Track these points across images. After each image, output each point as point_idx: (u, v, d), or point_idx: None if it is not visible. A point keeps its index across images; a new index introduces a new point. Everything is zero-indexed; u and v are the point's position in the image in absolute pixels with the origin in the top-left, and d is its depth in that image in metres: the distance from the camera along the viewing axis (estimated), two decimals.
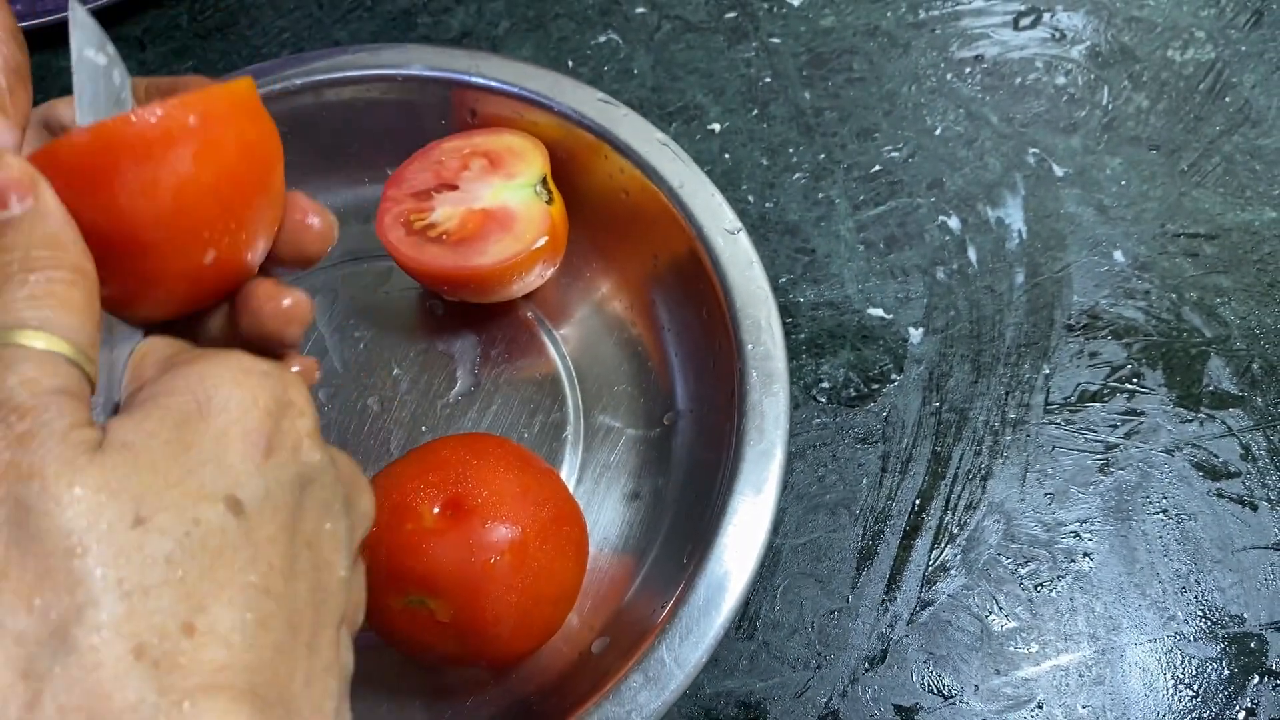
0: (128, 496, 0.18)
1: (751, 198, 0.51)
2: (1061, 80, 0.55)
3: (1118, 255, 0.50)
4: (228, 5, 0.57)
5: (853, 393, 0.46)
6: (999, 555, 0.43)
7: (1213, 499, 0.44)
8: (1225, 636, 0.41)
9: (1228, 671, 0.41)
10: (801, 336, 0.47)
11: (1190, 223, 0.51)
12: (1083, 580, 0.42)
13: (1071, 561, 0.43)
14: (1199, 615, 0.42)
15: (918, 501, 0.44)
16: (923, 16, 0.57)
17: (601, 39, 0.56)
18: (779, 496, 0.37)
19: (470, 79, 0.46)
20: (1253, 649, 0.41)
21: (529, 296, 0.47)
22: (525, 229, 0.42)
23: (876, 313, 0.48)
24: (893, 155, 0.53)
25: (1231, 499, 0.44)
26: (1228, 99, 0.54)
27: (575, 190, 0.46)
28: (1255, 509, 0.44)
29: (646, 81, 0.55)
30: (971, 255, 0.50)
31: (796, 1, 0.57)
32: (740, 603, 0.35)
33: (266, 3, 0.57)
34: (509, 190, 0.43)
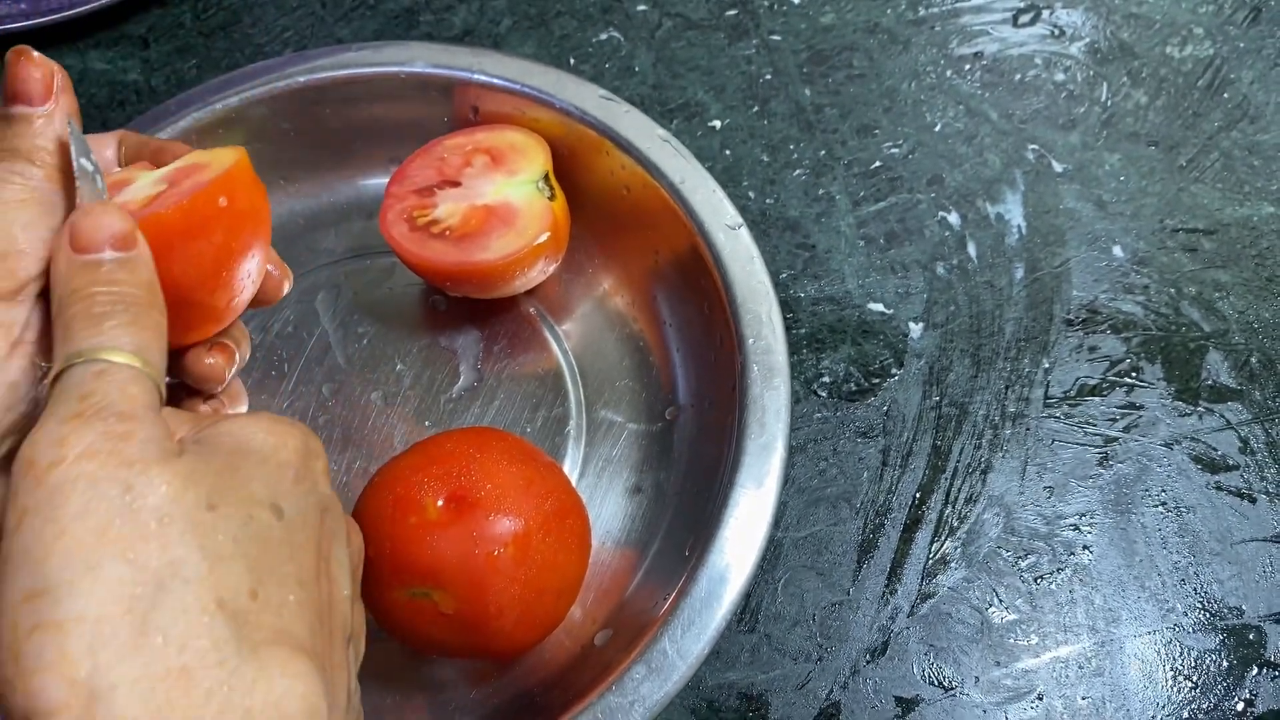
0: (203, 488, 0.23)
1: (752, 194, 0.51)
2: (1061, 77, 0.55)
3: (1117, 250, 0.50)
4: (231, 4, 0.57)
5: (853, 387, 0.46)
6: (999, 548, 0.43)
7: (1211, 492, 0.44)
8: (1224, 628, 0.42)
9: (1226, 663, 0.41)
10: (802, 331, 0.48)
11: (1189, 218, 0.51)
12: (1082, 573, 0.43)
13: (1071, 554, 0.43)
14: (1198, 607, 0.42)
15: (918, 495, 0.44)
16: (922, 13, 0.57)
17: (603, 36, 0.56)
18: (780, 490, 0.38)
19: (472, 76, 0.46)
20: (1251, 641, 0.41)
21: (531, 292, 0.47)
22: (528, 224, 0.42)
23: (877, 308, 0.48)
24: (893, 151, 0.53)
25: (1230, 492, 0.44)
26: (1226, 95, 0.55)
27: (577, 187, 0.46)
28: (1254, 502, 0.44)
29: (648, 78, 0.55)
30: (971, 251, 0.50)
31: None
32: (741, 595, 0.36)
33: (269, 1, 0.57)
34: (511, 186, 0.43)
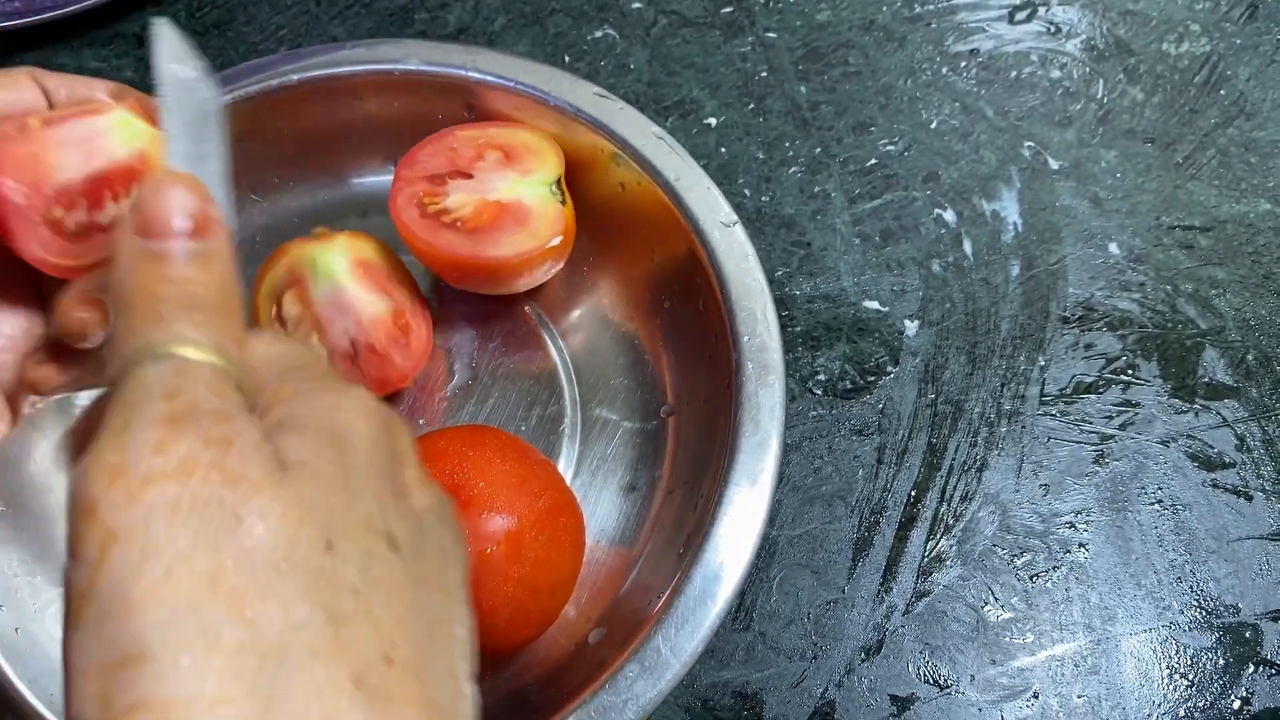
0: (318, 521, 0.18)
1: (748, 191, 0.51)
2: (1057, 74, 0.55)
3: (1113, 248, 0.50)
4: (225, 2, 0.57)
5: (848, 385, 0.46)
6: (994, 546, 0.43)
7: (1208, 489, 0.44)
8: (1220, 626, 0.42)
9: (1223, 661, 0.41)
10: (798, 329, 0.48)
11: (1185, 215, 0.51)
12: (1078, 571, 0.42)
13: (1067, 552, 0.43)
14: (1194, 605, 0.42)
15: (913, 493, 0.44)
16: (918, 11, 0.57)
17: (598, 34, 0.56)
18: (775, 488, 0.37)
19: (467, 74, 0.46)
20: (1248, 639, 0.41)
21: (526, 291, 0.47)
22: (541, 226, 0.42)
23: (872, 305, 0.48)
24: (888, 149, 0.53)
25: (1226, 489, 0.44)
26: (1223, 92, 0.55)
27: (572, 185, 0.46)
28: (1250, 499, 0.44)
29: (643, 76, 0.55)
30: (967, 248, 0.50)
31: None
32: (736, 593, 0.36)
33: None
34: (525, 186, 0.43)
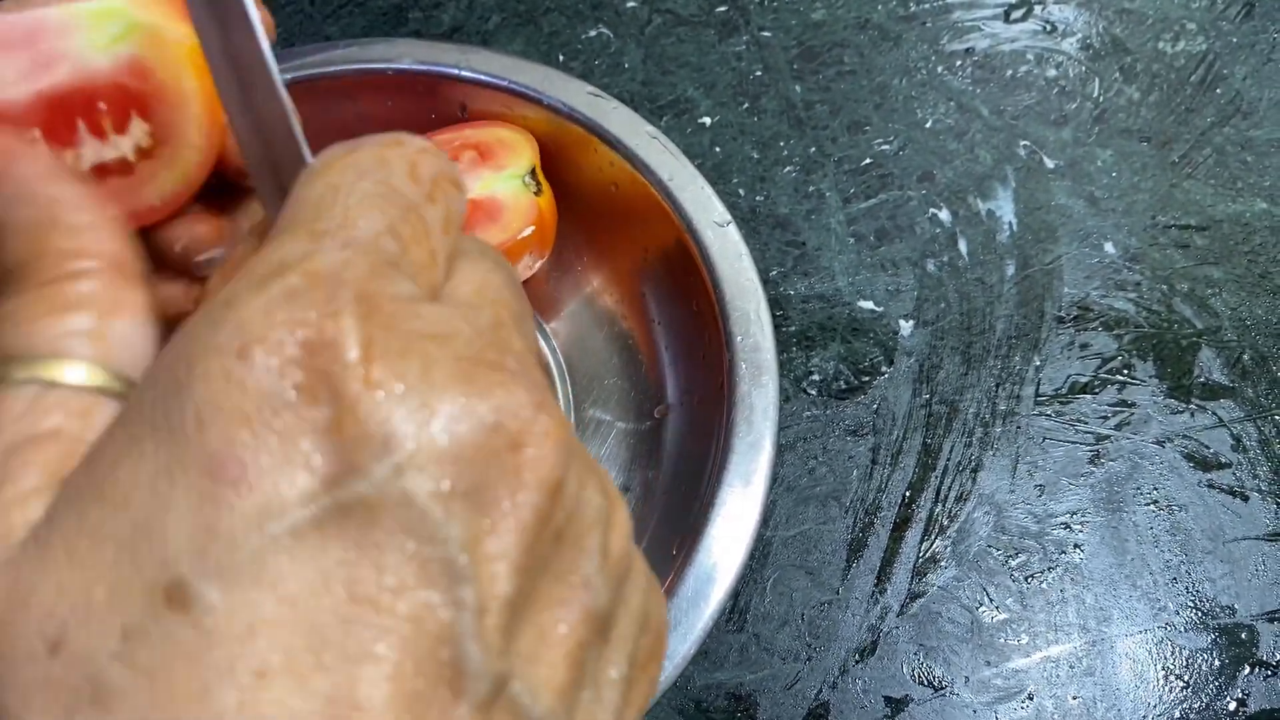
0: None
1: (742, 191, 0.51)
2: (1052, 73, 0.55)
3: (1108, 247, 0.50)
4: None
5: (843, 385, 0.46)
6: (989, 547, 0.43)
7: (1203, 490, 0.44)
8: (1216, 627, 0.41)
9: (1219, 662, 0.41)
10: (792, 329, 0.47)
11: (1181, 214, 0.51)
12: (1073, 571, 0.42)
13: (1062, 553, 0.43)
14: (1190, 606, 0.42)
15: (908, 493, 0.44)
16: (913, 9, 0.57)
17: (592, 33, 0.56)
18: (768, 488, 0.37)
19: (460, 73, 0.46)
20: (1244, 640, 0.41)
21: None
22: (512, 219, 0.42)
23: (867, 305, 0.48)
24: (883, 148, 0.53)
25: (1222, 490, 0.44)
26: (1219, 91, 0.54)
27: (565, 184, 0.46)
28: (1246, 500, 0.44)
29: (637, 75, 0.55)
30: (962, 247, 0.50)
31: None
32: (729, 594, 0.35)
33: None
34: (498, 181, 0.43)
